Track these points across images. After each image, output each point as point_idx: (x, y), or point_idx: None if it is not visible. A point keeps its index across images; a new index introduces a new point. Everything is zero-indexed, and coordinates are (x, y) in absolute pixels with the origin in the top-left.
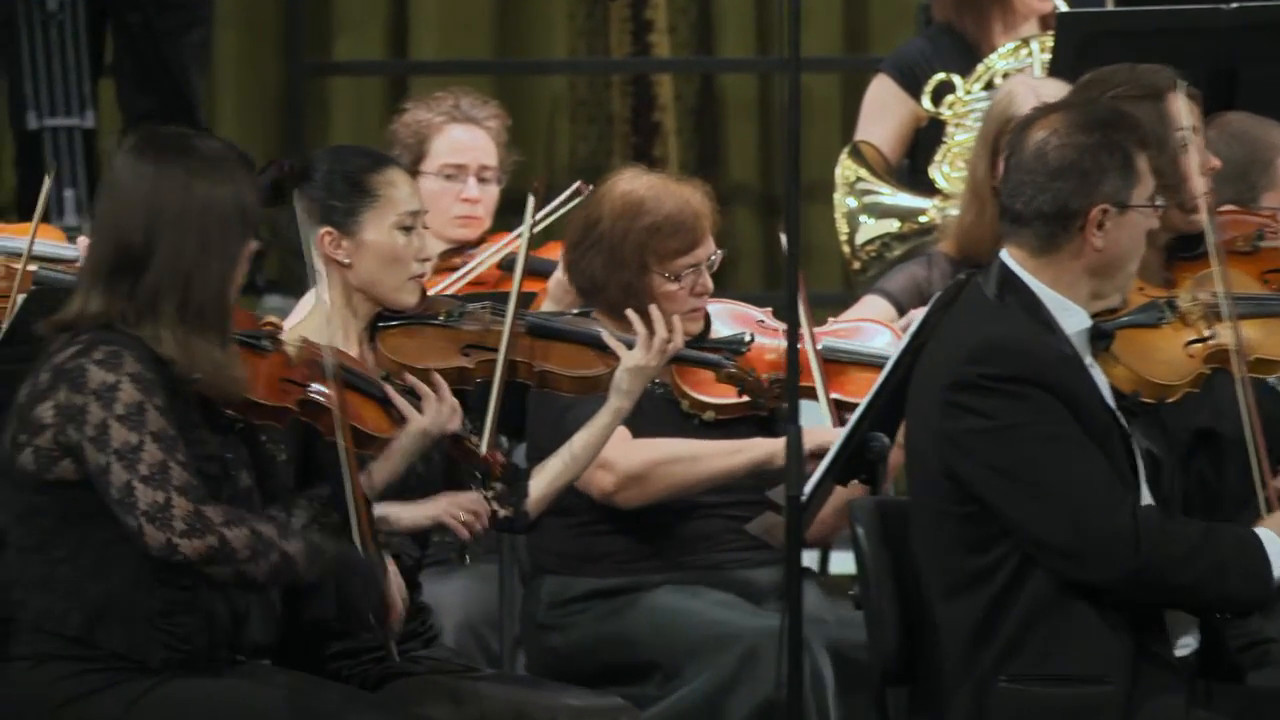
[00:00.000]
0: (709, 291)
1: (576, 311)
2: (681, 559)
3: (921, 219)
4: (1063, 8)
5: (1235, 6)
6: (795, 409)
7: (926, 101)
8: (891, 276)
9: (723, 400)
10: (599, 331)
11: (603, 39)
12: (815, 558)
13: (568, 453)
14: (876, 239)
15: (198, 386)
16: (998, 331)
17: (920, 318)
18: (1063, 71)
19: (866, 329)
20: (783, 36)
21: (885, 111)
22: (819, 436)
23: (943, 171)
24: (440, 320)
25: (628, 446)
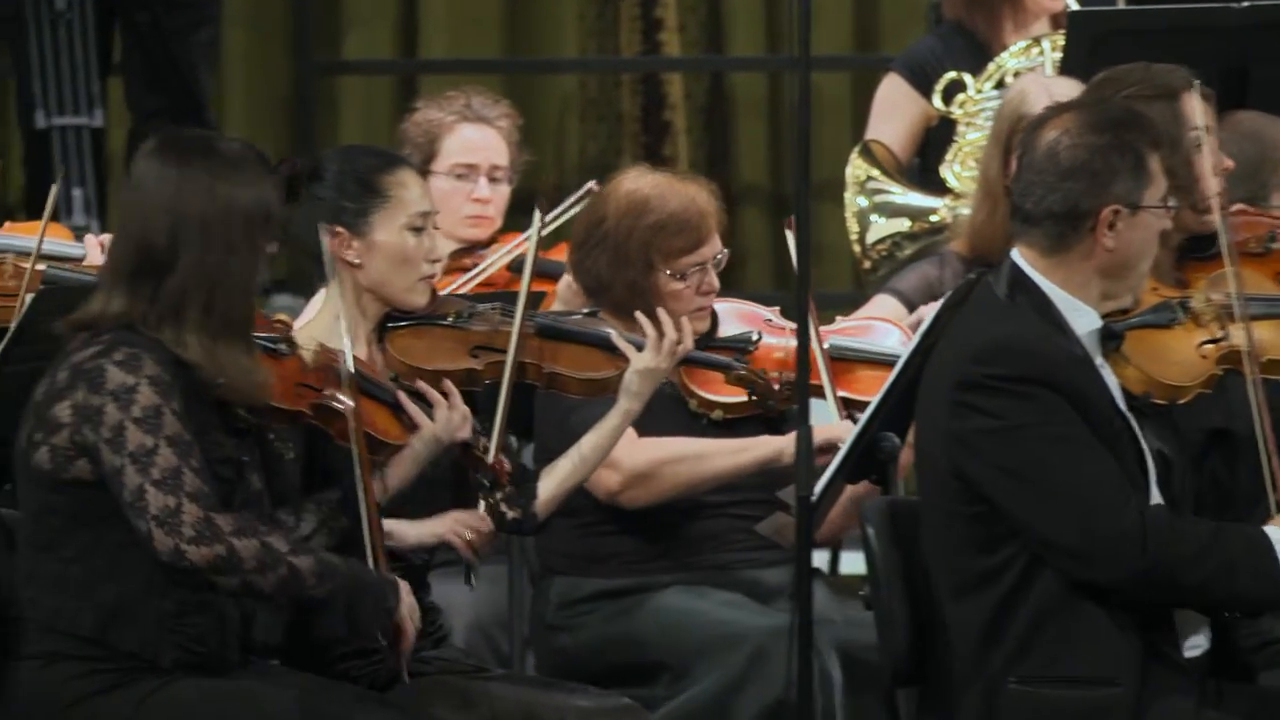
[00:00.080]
0: (715, 290)
1: (584, 312)
2: (689, 559)
3: (932, 218)
4: (1074, 6)
5: (1246, 5)
6: (805, 409)
7: (937, 100)
8: (903, 276)
9: (731, 399)
10: (608, 333)
11: (612, 38)
12: (826, 558)
13: (576, 454)
14: (887, 238)
15: (220, 391)
16: (1005, 331)
17: (930, 317)
18: (1074, 70)
19: (876, 327)
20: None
21: (896, 110)
22: (827, 431)
23: (954, 171)
24: (449, 321)
25: (634, 445)
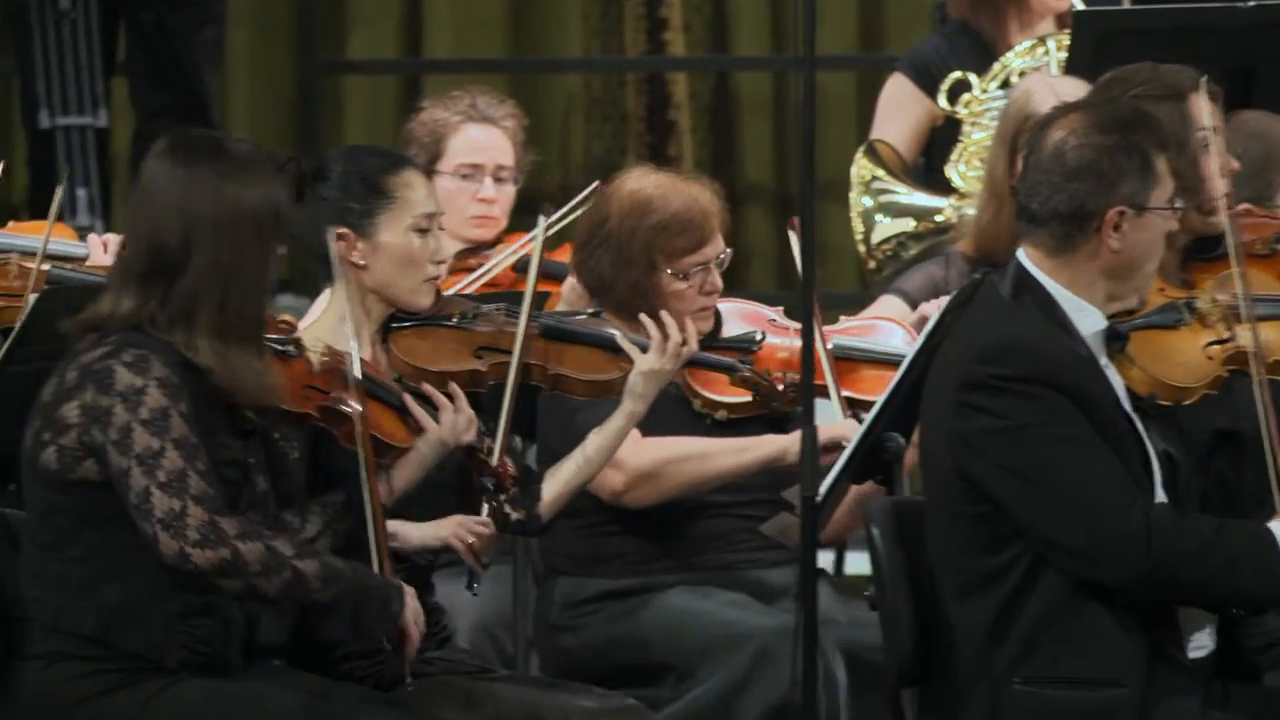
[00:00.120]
0: (718, 290)
1: (588, 312)
2: (693, 559)
3: (937, 218)
4: (1079, 6)
5: (1252, 4)
6: (810, 410)
7: (942, 100)
8: (909, 276)
9: (735, 400)
10: (613, 334)
11: (617, 37)
12: (830, 558)
13: (581, 456)
14: (892, 238)
15: (230, 394)
16: (1009, 331)
17: (935, 317)
18: (1079, 70)
19: (880, 327)
20: (798, 35)
21: (901, 110)
22: (832, 430)
23: (959, 170)
24: (454, 322)
25: (637, 445)
